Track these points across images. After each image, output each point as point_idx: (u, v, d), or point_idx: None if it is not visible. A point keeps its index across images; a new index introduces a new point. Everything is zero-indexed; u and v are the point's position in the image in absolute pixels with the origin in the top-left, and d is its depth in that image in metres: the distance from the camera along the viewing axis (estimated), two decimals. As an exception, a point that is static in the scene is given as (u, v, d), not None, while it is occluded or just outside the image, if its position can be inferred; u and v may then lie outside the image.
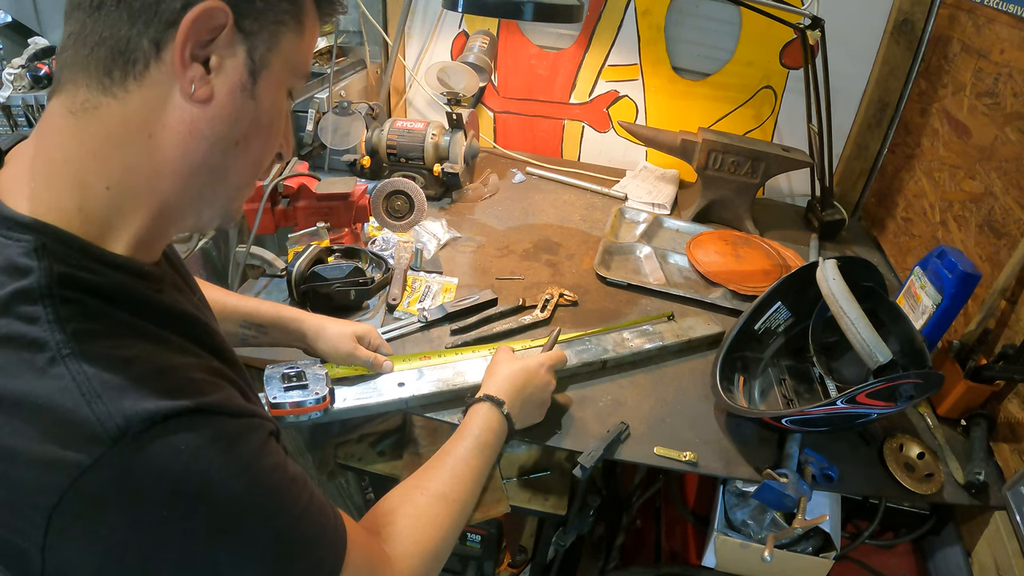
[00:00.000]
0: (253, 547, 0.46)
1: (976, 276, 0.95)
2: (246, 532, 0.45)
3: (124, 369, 0.41)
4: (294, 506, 0.48)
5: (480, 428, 0.76)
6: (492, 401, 0.79)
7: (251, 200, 1.14)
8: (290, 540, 0.48)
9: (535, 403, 0.86)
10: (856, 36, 1.46)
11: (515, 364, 0.85)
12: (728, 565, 0.92)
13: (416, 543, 0.62)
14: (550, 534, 1.24)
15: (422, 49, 1.74)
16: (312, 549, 0.49)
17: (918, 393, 0.83)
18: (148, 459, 0.40)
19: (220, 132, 0.46)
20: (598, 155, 1.80)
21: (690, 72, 1.63)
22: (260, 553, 0.46)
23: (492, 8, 1.00)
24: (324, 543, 0.51)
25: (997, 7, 1.13)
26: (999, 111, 1.09)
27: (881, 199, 1.56)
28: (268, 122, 0.49)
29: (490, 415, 0.78)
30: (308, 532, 0.49)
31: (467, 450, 0.74)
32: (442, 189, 1.52)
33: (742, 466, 0.88)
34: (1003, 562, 0.83)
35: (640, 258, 1.36)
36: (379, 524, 0.63)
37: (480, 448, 0.74)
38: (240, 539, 0.45)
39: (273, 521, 0.47)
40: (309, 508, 0.50)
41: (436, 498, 0.67)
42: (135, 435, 0.40)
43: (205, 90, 0.44)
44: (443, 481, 0.69)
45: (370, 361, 0.91)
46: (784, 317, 1.05)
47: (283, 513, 0.47)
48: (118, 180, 0.45)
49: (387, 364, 0.94)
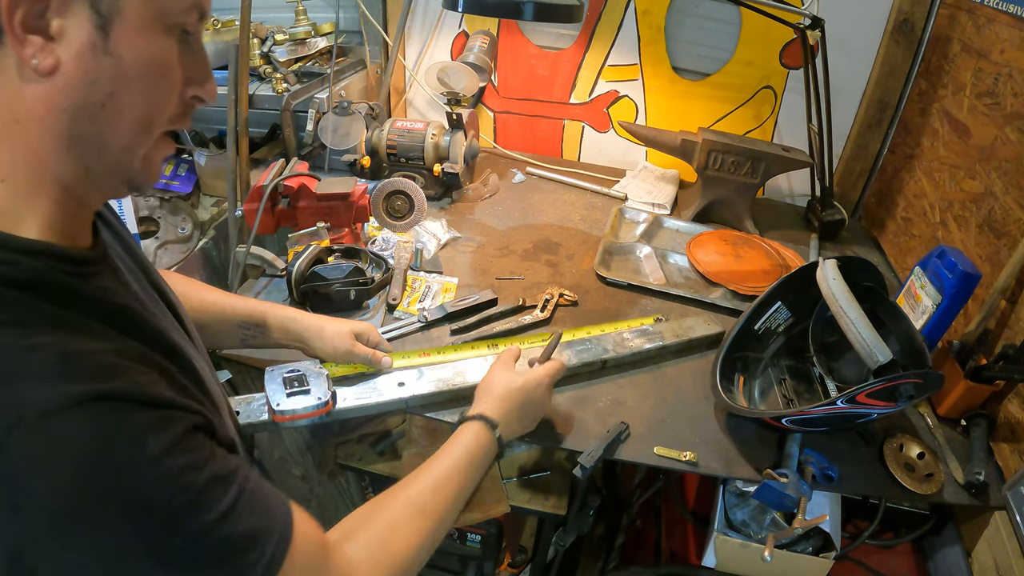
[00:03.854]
0: (165, 556, 0.42)
1: (976, 276, 0.95)
2: (154, 538, 0.42)
3: (26, 357, 0.39)
4: (213, 508, 0.45)
5: (469, 447, 0.74)
6: (485, 421, 0.77)
7: (251, 200, 1.14)
8: (211, 545, 0.45)
9: (530, 419, 0.84)
10: (856, 36, 1.46)
11: (515, 381, 0.82)
12: (728, 565, 0.92)
13: (385, 552, 0.61)
14: (550, 534, 1.24)
15: (422, 49, 1.74)
16: (240, 552, 0.46)
17: (918, 393, 0.83)
18: (43, 452, 0.38)
19: (77, 100, 0.43)
20: (598, 155, 1.80)
21: (690, 72, 1.63)
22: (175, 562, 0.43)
23: (492, 8, 1.00)
24: (257, 543, 0.48)
25: (997, 7, 1.13)
26: (999, 111, 1.09)
27: (881, 199, 1.56)
28: (139, 74, 0.44)
29: (481, 435, 0.76)
30: (233, 535, 0.46)
31: (453, 467, 0.71)
32: (442, 189, 1.52)
33: (742, 466, 0.88)
34: (1003, 562, 0.83)
35: (640, 258, 1.36)
36: (353, 528, 0.61)
37: (466, 467, 0.72)
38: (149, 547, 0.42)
39: (187, 526, 0.43)
40: (236, 507, 0.46)
41: (414, 509, 0.66)
42: (29, 425, 0.38)
43: (48, 61, 0.41)
44: (424, 494, 0.68)
45: (369, 358, 0.91)
46: (784, 317, 1.05)
47: (197, 517, 0.44)
48: (8, 172, 0.44)
49: (386, 360, 0.93)
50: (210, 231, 1.45)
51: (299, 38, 1.51)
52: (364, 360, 0.91)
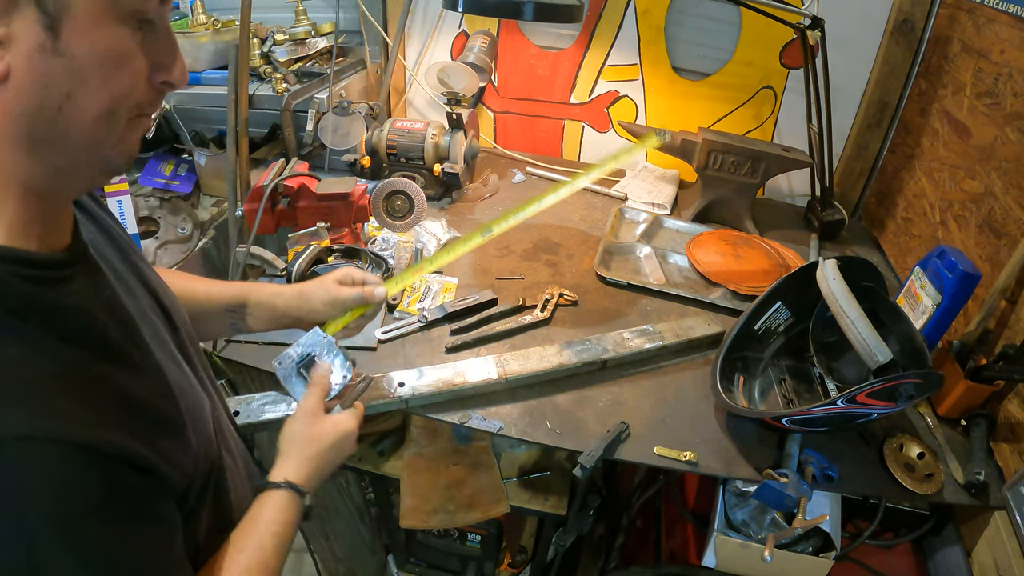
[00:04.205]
0: None
1: (976, 276, 0.95)
2: None
3: None
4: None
5: (276, 522, 0.63)
6: (294, 490, 0.67)
7: (251, 200, 1.14)
8: None
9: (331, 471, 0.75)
10: (856, 36, 1.46)
11: (326, 436, 0.72)
12: (728, 565, 0.92)
13: None
14: (550, 534, 1.24)
15: (422, 49, 1.74)
16: None
17: (918, 393, 0.83)
18: None
19: (32, 104, 0.41)
20: (598, 155, 1.80)
21: (690, 72, 1.63)
22: None
23: (492, 8, 1.00)
24: None
25: (997, 7, 1.13)
26: (999, 111, 1.09)
27: (881, 199, 1.56)
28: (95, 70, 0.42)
29: (289, 508, 0.65)
30: None
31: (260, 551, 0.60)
32: (442, 189, 1.52)
33: (742, 466, 0.88)
34: (1003, 562, 0.83)
35: (640, 258, 1.36)
36: None
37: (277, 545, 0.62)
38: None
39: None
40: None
41: None
42: None
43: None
44: None
45: (360, 295, 0.82)
46: (784, 317, 1.05)
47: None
48: None
49: (379, 291, 0.84)
50: (210, 231, 1.46)
51: (299, 38, 1.51)
52: (357, 300, 0.83)
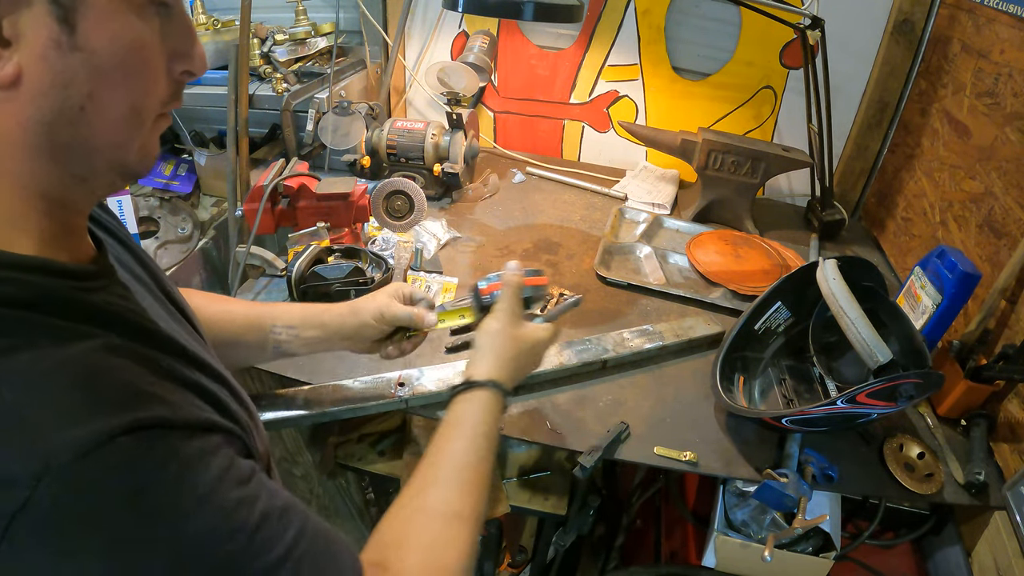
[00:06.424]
0: None
1: (976, 276, 0.95)
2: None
3: (43, 386, 0.35)
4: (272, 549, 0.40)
5: (485, 423, 0.65)
6: (498, 389, 0.68)
7: (251, 200, 1.14)
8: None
9: (523, 377, 0.76)
10: (856, 36, 1.46)
11: (525, 340, 0.74)
12: (728, 565, 0.92)
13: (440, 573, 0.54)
14: (550, 534, 1.24)
15: (422, 49, 1.74)
16: None
17: (918, 393, 0.83)
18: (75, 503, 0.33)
19: (52, 108, 0.38)
20: (598, 155, 1.80)
21: (690, 72, 1.63)
22: None
23: (492, 8, 0.99)
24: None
25: (997, 7, 1.13)
26: (999, 111, 1.09)
27: (881, 199, 1.56)
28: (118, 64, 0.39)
29: (494, 406, 0.67)
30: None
31: (475, 453, 0.62)
32: (442, 189, 1.52)
33: (742, 466, 0.88)
34: (1003, 562, 0.83)
35: (640, 258, 1.36)
36: (387, 559, 0.52)
37: (488, 448, 0.64)
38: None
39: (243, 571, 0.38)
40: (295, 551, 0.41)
41: (450, 519, 0.57)
42: (58, 473, 0.33)
43: (7, 71, 0.36)
44: (453, 496, 0.59)
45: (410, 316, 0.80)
46: (784, 317, 1.05)
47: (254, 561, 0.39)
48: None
49: (429, 318, 0.80)
50: (210, 231, 1.46)
51: (299, 38, 1.51)
52: (406, 320, 0.80)
